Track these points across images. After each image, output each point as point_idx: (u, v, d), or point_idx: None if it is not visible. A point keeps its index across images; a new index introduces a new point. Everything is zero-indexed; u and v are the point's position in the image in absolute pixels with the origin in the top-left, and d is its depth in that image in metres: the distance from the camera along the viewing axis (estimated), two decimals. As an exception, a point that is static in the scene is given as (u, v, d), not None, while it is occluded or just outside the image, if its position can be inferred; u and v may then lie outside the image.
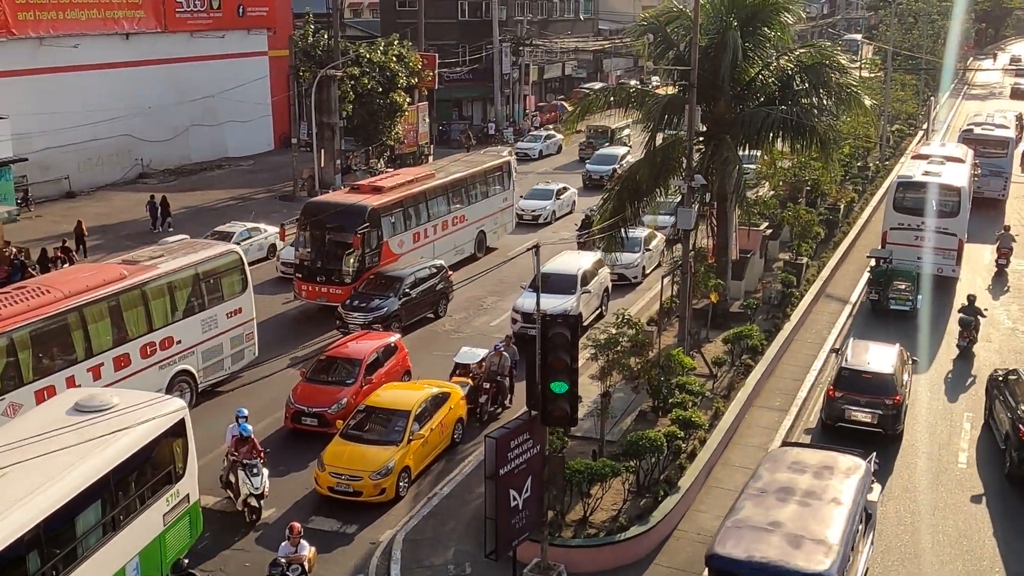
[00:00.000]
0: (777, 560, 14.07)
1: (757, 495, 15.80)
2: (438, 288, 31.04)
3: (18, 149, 40.63)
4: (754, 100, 27.87)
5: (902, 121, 62.89)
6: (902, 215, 33.24)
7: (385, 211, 31.92)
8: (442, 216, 35.28)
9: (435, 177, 35.81)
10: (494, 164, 39.79)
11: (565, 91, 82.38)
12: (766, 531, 14.71)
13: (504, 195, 39.65)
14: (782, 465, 16.80)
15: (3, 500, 13.68)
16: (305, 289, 30.86)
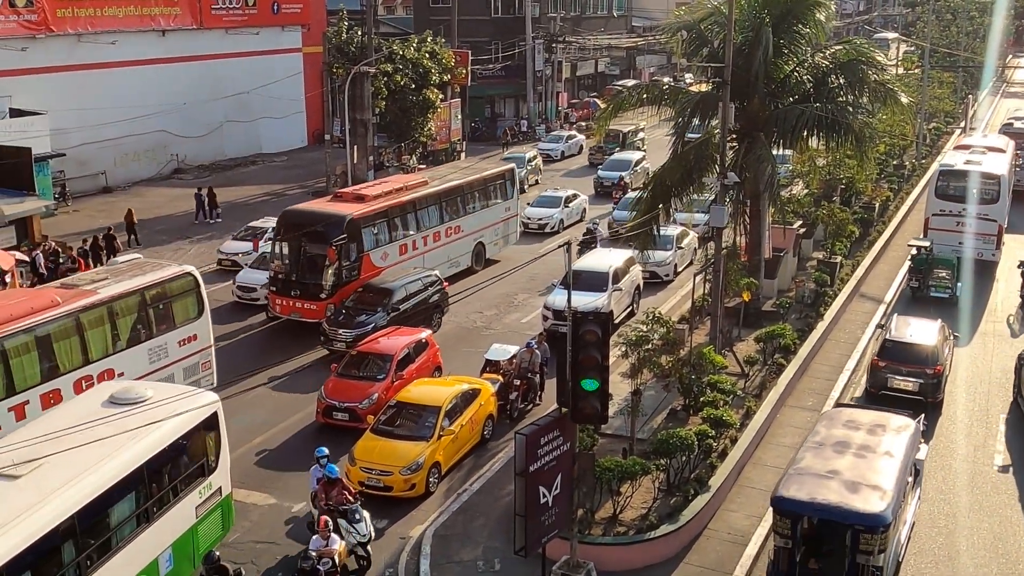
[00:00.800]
0: (837, 502, 15.32)
1: (816, 447, 17.10)
2: (432, 301, 29.09)
3: (56, 144, 41.29)
4: (788, 97, 27.66)
5: (939, 119, 62.18)
6: (944, 202, 34.74)
7: (366, 221, 29.88)
8: (434, 227, 33.08)
9: (427, 185, 33.62)
10: (495, 172, 37.53)
11: (598, 88, 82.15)
12: (826, 478, 15.94)
13: (506, 204, 37.29)
14: (837, 423, 18.16)
15: (39, 491, 13.87)
16: (279, 303, 29.06)
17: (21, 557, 13.01)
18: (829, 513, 15.36)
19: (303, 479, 20.67)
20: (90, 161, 46.83)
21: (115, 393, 16.91)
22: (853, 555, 15.15)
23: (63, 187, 44.22)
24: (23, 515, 13.35)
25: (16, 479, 14.02)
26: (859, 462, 16.48)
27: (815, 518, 15.66)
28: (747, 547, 17.86)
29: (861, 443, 17.13)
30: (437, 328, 28.71)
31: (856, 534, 15.08)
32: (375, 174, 48.92)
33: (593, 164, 55.57)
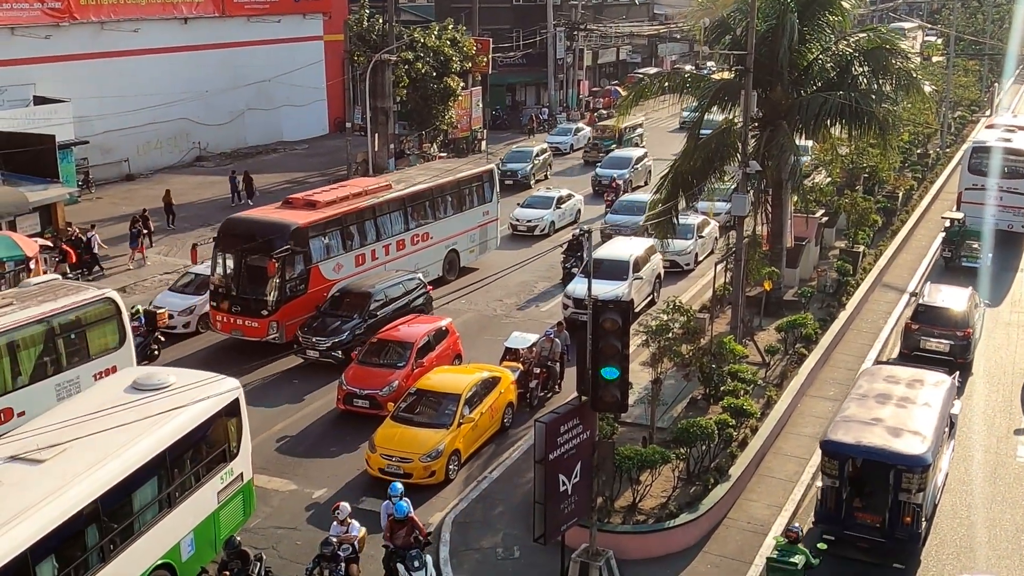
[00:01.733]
0: (881, 445, 16.84)
1: (859, 399, 18.60)
2: (414, 305, 27.40)
3: (79, 132, 41.56)
4: (811, 85, 27.45)
5: (964, 107, 61.59)
6: (976, 177, 36.64)
7: (316, 231, 27.41)
8: (397, 234, 30.56)
9: (390, 190, 30.97)
10: (472, 173, 34.79)
11: (619, 76, 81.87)
12: (870, 424, 17.46)
13: (484, 208, 34.72)
14: (878, 377, 19.72)
15: (63, 475, 14.01)
16: (220, 320, 26.91)
17: (46, 540, 13.15)
18: (874, 454, 16.79)
19: (324, 465, 20.85)
20: (113, 149, 47.12)
21: (138, 379, 17.05)
22: (895, 493, 16.48)
23: (86, 174, 44.52)
24: (48, 499, 13.49)
25: (41, 463, 14.17)
26: (900, 411, 17.91)
27: (860, 459, 17.01)
28: (767, 537, 17.82)
29: (901, 395, 18.57)
30: None
31: (899, 474, 16.42)
32: (395, 162, 49.01)
33: (588, 162, 52.77)
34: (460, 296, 25.93)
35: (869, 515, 16.95)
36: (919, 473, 16.36)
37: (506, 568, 17.03)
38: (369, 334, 25.32)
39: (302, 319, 26.49)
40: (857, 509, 17.07)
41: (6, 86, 41.25)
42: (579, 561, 16.12)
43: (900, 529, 16.58)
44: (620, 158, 48.36)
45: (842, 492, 17.00)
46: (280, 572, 16.49)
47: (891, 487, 16.54)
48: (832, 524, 17.08)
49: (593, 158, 52.56)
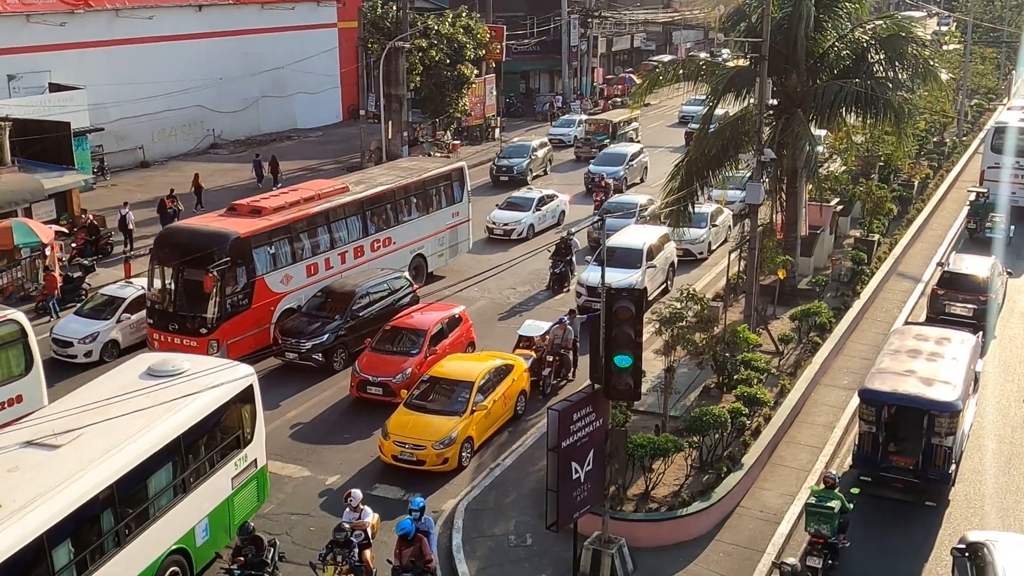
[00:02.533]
0: (915, 392, 18.37)
1: (892, 353, 20.16)
2: (399, 305, 26.31)
3: (94, 119, 41.70)
4: (827, 73, 27.29)
5: (981, 95, 61.15)
6: (998, 155, 37.87)
7: (260, 240, 25.41)
8: (355, 241, 28.48)
9: (347, 192, 28.84)
10: (439, 172, 32.56)
11: (634, 64, 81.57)
12: (904, 375, 19.00)
13: (454, 209, 32.59)
14: (908, 336, 21.30)
15: (79, 460, 14.10)
16: (157, 339, 24.73)
17: (62, 525, 13.25)
18: (909, 401, 18.32)
19: (337, 452, 20.93)
20: (128, 136, 47.27)
21: (153, 365, 17.13)
22: (928, 437, 18.04)
23: (101, 161, 44.71)
24: (63, 484, 13.58)
25: (57, 448, 14.27)
26: (931, 364, 19.50)
27: (896, 406, 18.54)
28: (780, 525, 17.81)
29: (931, 351, 20.14)
30: None
31: (931, 419, 17.96)
32: (409, 150, 48.99)
33: (580, 158, 50.32)
34: (473, 284, 25.96)
35: (903, 458, 18.48)
36: (950, 418, 17.90)
37: (518, 555, 17.07)
38: (352, 336, 24.79)
39: (246, 336, 24.94)
40: (892, 453, 18.60)
41: (22, 73, 41.43)
42: (591, 549, 16.17)
43: (932, 470, 18.09)
44: (614, 154, 45.57)
45: (878, 437, 18.56)
46: (294, 557, 16.57)
47: (924, 431, 18.06)
48: (869, 467, 18.66)
49: (586, 154, 49.88)
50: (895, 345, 20.66)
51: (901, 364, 19.49)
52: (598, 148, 48.86)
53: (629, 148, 46.62)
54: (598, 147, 49.14)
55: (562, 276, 30.48)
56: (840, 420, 21.74)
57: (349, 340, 25.01)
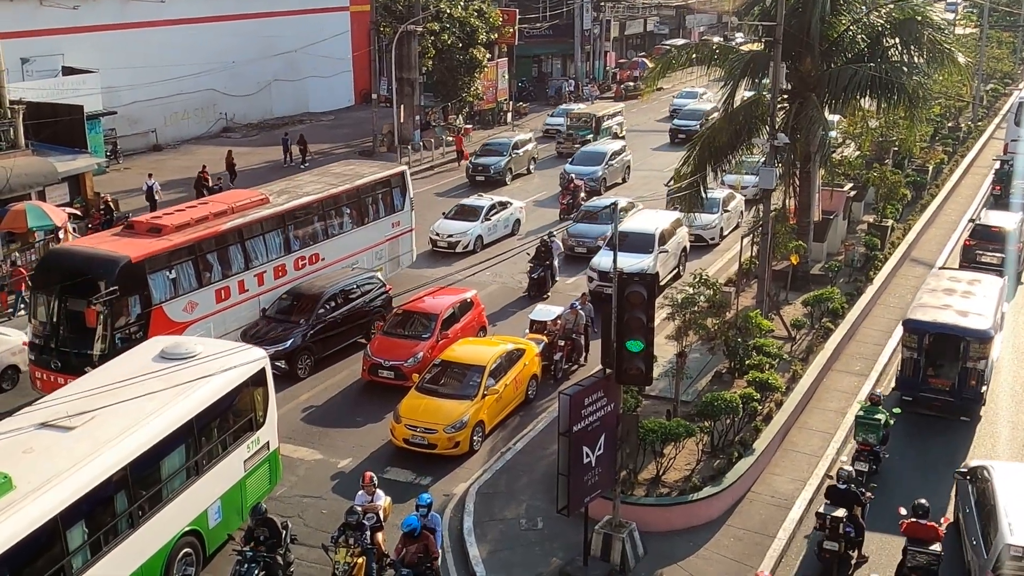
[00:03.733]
0: (953, 322, 21.08)
1: (930, 292, 22.79)
2: (370, 307, 25.57)
3: (107, 102, 41.83)
4: (841, 57, 27.10)
5: (997, 80, 60.68)
6: (1018, 129, 40.78)
7: (157, 264, 22.35)
8: (276, 259, 25.62)
9: (266, 205, 25.79)
10: (377, 178, 29.52)
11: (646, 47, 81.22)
12: (942, 308, 21.64)
13: (394, 218, 29.75)
14: (943, 278, 24.01)
15: (93, 442, 14.18)
16: (40, 378, 21.70)
17: (76, 506, 13.34)
18: (947, 329, 21.02)
19: (349, 435, 21.01)
20: (141, 119, 47.39)
21: (166, 348, 17.21)
22: (963, 362, 20.81)
23: (114, 145, 44.84)
24: (77, 465, 13.66)
25: (71, 430, 14.34)
26: (964, 300, 22.07)
27: (935, 334, 21.11)
28: (791, 511, 17.81)
29: (964, 290, 22.71)
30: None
31: (967, 345, 20.68)
32: (421, 134, 48.95)
33: (562, 154, 46.66)
34: (486, 268, 25.98)
35: (941, 380, 21.20)
36: (982, 344, 20.66)
37: (529, 539, 17.13)
38: (318, 340, 23.93)
39: None
40: (931, 376, 21.31)
41: (35, 57, 41.52)
42: (602, 533, 16.21)
43: (966, 390, 20.86)
44: (593, 153, 42.04)
45: (919, 362, 21.24)
46: (306, 540, 16.66)
47: (960, 356, 20.82)
48: (910, 388, 21.35)
49: (567, 150, 46.41)
50: (932, 285, 23.32)
51: (939, 300, 22.14)
52: (581, 143, 46.04)
53: (609, 146, 43.25)
54: (580, 142, 46.36)
55: (541, 281, 28.68)
56: (852, 408, 21.68)
57: (315, 345, 23.94)
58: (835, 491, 16.33)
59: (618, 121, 51.70)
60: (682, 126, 50.48)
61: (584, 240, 31.79)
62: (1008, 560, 14.14)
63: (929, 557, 14.97)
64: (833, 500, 16.21)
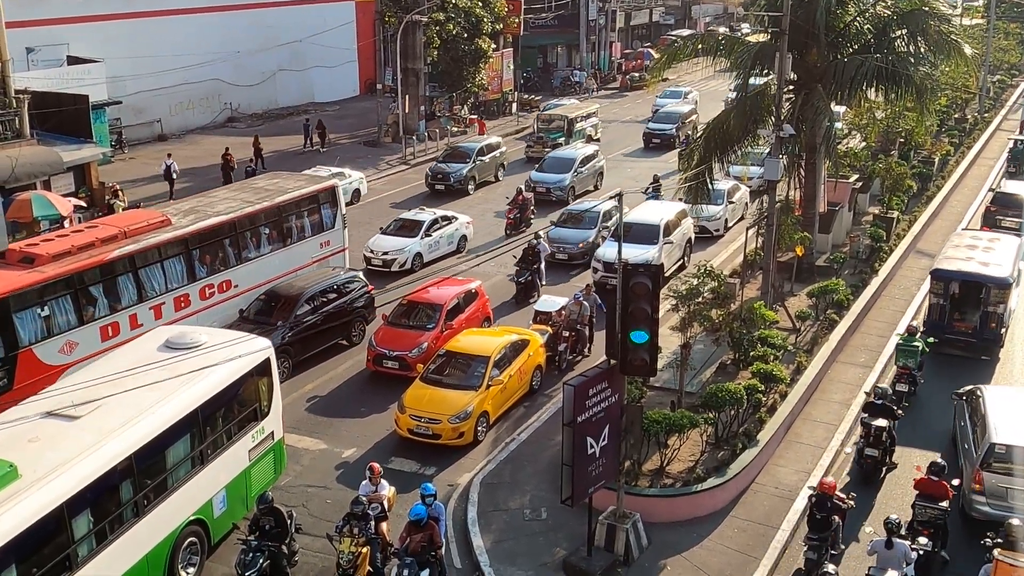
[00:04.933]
0: (976, 270, 24.08)
1: (954, 247, 25.78)
2: (352, 309, 24.84)
3: (112, 92, 41.79)
4: (848, 48, 27.04)
5: (1004, 71, 60.45)
6: None
7: (25, 301, 19.72)
8: (176, 289, 22.90)
9: (166, 227, 23.00)
10: (302, 194, 26.84)
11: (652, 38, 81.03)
12: (965, 260, 24.68)
13: (323, 238, 27.32)
14: (965, 237, 27.24)
15: (98, 431, 14.21)
16: None
17: (81, 495, 13.37)
18: (971, 277, 23.97)
19: (353, 425, 21.04)
20: (146, 109, 47.39)
21: (170, 338, 17.22)
22: (985, 307, 23.65)
23: (119, 134, 44.84)
24: (83, 454, 13.70)
25: (76, 419, 14.38)
26: (985, 254, 24.98)
27: (960, 282, 24.03)
28: (795, 502, 17.81)
29: (985, 246, 25.62)
30: (360, 341, 24.86)
31: (988, 291, 23.58)
32: (426, 124, 48.89)
33: (531, 158, 43.63)
34: (490, 259, 25.98)
35: (964, 323, 24.00)
36: (1002, 290, 23.60)
37: (533, 529, 17.15)
38: (296, 342, 22.96)
39: None
40: (956, 320, 24.08)
41: (40, 46, 41.49)
42: (606, 523, 16.23)
43: (987, 332, 23.67)
44: (561, 159, 38.76)
45: (945, 308, 24.09)
46: (310, 529, 16.71)
47: (982, 301, 23.62)
48: (937, 331, 23.88)
49: (538, 154, 43.17)
50: (955, 243, 26.30)
51: (961, 253, 25.16)
52: (552, 147, 43.07)
53: (580, 151, 39.76)
54: (551, 146, 43.54)
55: (529, 286, 27.60)
56: (857, 399, 21.69)
57: (294, 347, 22.95)
58: (872, 406, 18.93)
59: (592, 123, 49.14)
60: (656, 130, 47.97)
61: (565, 246, 30.30)
62: (993, 455, 16.96)
63: (937, 512, 16.04)
64: (871, 414, 18.71)
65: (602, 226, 30.96)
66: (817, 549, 15.48)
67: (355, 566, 14.87)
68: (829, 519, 15.63)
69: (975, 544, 15.35)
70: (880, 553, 14.75)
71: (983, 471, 16.89)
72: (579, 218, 31.02)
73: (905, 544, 14.79)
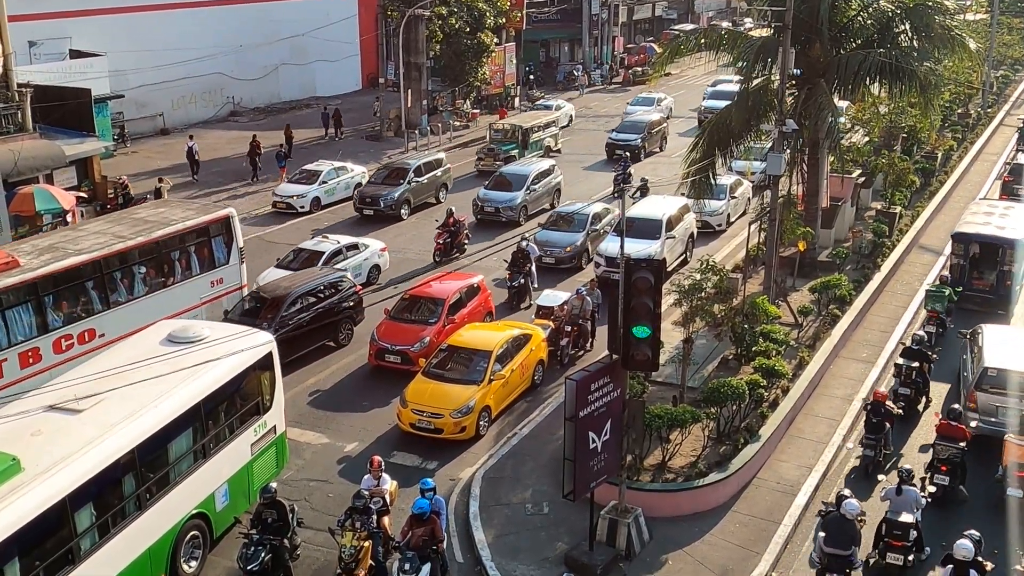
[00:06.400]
0: (993, 233, 26.70)
1: (972, 214, 28.51)
2: (339, 308, 24.32)
3: (115, 86, 41.74)
4: (851, 43, 26.98)
5: (1008, 66, 60.33)
6: None
7: None
8: (24, 342, 19.70)
9: (13, 270, 19.81)
10: (189, 226, 23.56)
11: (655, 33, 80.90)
12: (983, 224, 27.31)
13: (215, 275, 24.21)
14: (983, 205, 30.16)
15: (101, 425, 14.23)
16: None
17: (84, 488, 13.39)
18: (988, 239, 26.56)
19: (355, 420, 21.05)
20: (148, 103, 47.35)
21: (173, 332, 17.23)
22: (1001, 267, 26.22)
23: (122, 128, 44.83)
24: (85, 448, 13.71)
25: (79, 413, 14.39)
26: (1001, 219, 27.53)
27: (978, 244, 26.64)
28: (796, 497, 17.83)
29: (1001, 212, 28.34)
30: (348, 342, 24.54)
31: (1004, 251, 26.23)
32: (429, 118, 48.85)
33: (483, 173, 40.01)
34: (493, 254, 25.95)
35: (982, 282, 26.64)
36: (1016, 251, 25.85)
37: (535, 523, 17.17)
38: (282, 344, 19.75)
39: None
40: (975, 278, 26.67)
41: (42, 40, 41.45)
42: (608, 518, 16.24)
43: (1002, 289, 26.21)
44: (513, 175, 35.26)
45: (965, 267, 26.65)
46: (312, 523, 16.72)
47: (998, 261, 26.21)
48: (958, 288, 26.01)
49: (488, 167, 40.12)
50: (973, 210, 29.05)
51: (979, 218, 27.73)
52: (504, 160, 40.10)
53: (533, 166, 36.12)
54: (504, 159, 40.42)
55: (521, 290, 26.84)
56: (859, 394, 21.69)
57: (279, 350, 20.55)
58: (908, 350, 21.15)
59: (551, 133, 45.02)
60: (619, 140, 43.49)
61: (552, 249, 29.28)
62: (986, 377, 19.44)
63: (955, 451, 17.83)
64: (907, 357, 20.89)
65: (591, 229, 30.00)
66: (873, 447, 18.64)
67: (357, 560, 14.88)
68: (883, 423, 18.65)
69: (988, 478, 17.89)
70: (892, 499, 16.06)
71: (977, 391, 19.47)
72: (568, 220, 30.24)
73: (915, 490, 16.12)
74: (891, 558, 15.71)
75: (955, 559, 14.33)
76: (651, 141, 45.03)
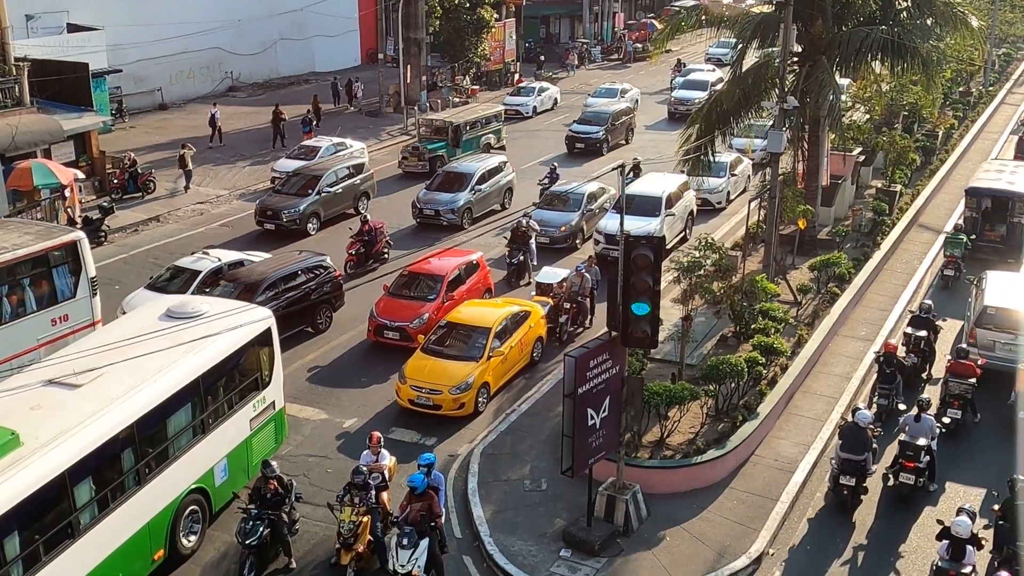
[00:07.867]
0: (1004, 188, 29.08)
1: (985, 171, 30.95)
2: (318, 293, 23.74)
3: (113, 60, 41.54)
4: (853, 20, 26.84)
5: (1010, 44, 60.07)
6: None
7: None
8: None
9: None
10: (21, 255, 19.75)
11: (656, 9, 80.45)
12: (995, 180, 29.63)
13: (57, 312, 20.49)
14: (995, 164, 32.50)
15: (100, 399, 14.23)
16: None
17: (83, 463, 13.41)
18: (999, 193, 28.93)
19: (354, 396, 21.07)
20: (146, 78, 47.13)
21: (172, 307, 17.22)
22: (1011, 219, 28.55)
23: (120, 103, 44.64)
24: (84, 423, 13.72)
25: (78, 388, 14.39)
26: (1012, 175, 29.88)
27: (990, 198, 28.93)
28: (794, 474, 17.87)
29: (1012, 170, 30.63)
30: (326, 327, 24.02)
31: (1013, 204, 28.54)
32: (428, 94, 48.64)
33: (408, 173, 37.40)
34: (492, 229, 25.88)
35: (994, 233, 28.81)
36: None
37: (533, 500, 17.22)
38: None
39: None
40: (987, 230, 28.88)
41: (40, 13, 41.19)
42: (606, 494, 16.28)
43: (1012, 239, 28.32)
44: (455, 173, 32.31)
45: (978, 220, 28.81)
46: (311, 499, 16.77)
47: (1008, 214, 28.46)
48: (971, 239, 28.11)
49: (413, 168, 37.19)
50: (984, 168, 31.47)
51: (991, 175, 30.00)
52: (429, 159, 37.17)
53: (480, 164, 32.95)
54: (430, 159, 37.19)
55: (521, 267, 26.72)
56: (857, 372, 21.71)
57: None
58: (916, 318, 21.95)
59: (494, 128, 40.62)
60: (580, 133, 41.05)
61: (547, 229, 28.79)
62: (985, 315, 21.18)
63: (965, 386, 19.35)
64: (915, 326, 21.70)
65: (586, 208, 29.73)
66: (887, 396, 19.55)
67: (355, 535, 14.94)
68: (895, 373, 19.66)
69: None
70: (911, 426, 17.34)
71: (977, 328, 21.27)
72: (564, 199, 29.89)
73: (931, 419, 17.59)
74: (904, 477, 17.04)
75: (952, 535, 14.38)
76: (615, 134, 41.91)
